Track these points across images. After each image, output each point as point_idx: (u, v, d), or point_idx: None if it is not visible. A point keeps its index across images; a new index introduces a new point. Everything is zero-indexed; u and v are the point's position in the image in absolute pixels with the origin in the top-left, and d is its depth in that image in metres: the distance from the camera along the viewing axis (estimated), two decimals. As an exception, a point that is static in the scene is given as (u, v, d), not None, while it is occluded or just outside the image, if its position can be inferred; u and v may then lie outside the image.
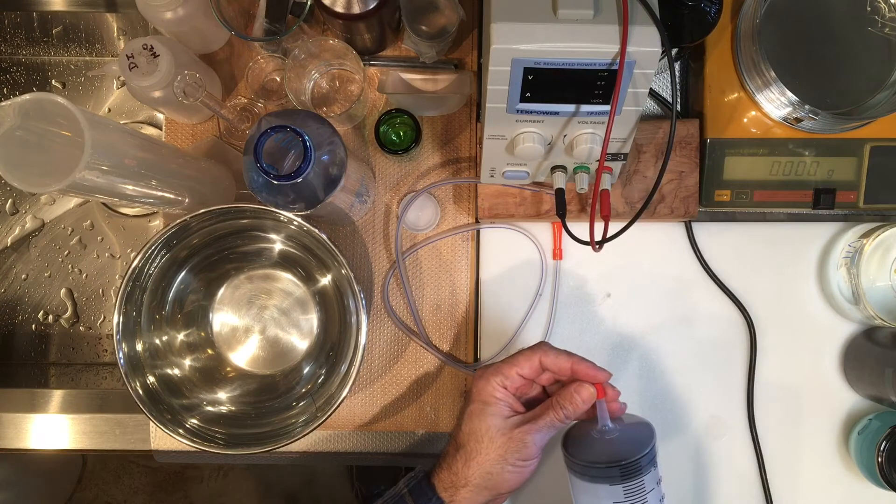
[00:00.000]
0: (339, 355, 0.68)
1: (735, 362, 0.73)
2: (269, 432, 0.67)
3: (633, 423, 0.57)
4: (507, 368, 0.57)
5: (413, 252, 0.74)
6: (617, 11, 0.51)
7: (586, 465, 0.54)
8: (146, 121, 0.90)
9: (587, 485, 0.54)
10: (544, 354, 0.57)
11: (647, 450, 0.53)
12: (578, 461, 0.55)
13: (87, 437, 0.77)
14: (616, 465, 0.52)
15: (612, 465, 0.53)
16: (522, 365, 0.57)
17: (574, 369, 0.56)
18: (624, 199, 0.69)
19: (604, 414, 0.55)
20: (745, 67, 0.67)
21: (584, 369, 0.56)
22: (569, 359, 0.56)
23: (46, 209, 0.91)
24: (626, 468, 0.52)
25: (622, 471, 0.52)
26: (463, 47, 0.74)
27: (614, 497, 0.53)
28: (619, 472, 0.52)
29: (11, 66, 0.90)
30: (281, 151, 0.55)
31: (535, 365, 0.57)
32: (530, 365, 0.57)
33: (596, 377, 0.56)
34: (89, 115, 0.49)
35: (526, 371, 0.57)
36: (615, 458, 0.53)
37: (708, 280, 0.73)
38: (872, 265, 0.67)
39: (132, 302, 0.66)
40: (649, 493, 0.53)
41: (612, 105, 0.53)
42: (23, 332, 0.90)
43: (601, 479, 0.53)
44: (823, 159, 0.68)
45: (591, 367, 0.56)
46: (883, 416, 0.69)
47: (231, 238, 0.71)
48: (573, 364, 0.56)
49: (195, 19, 0.67)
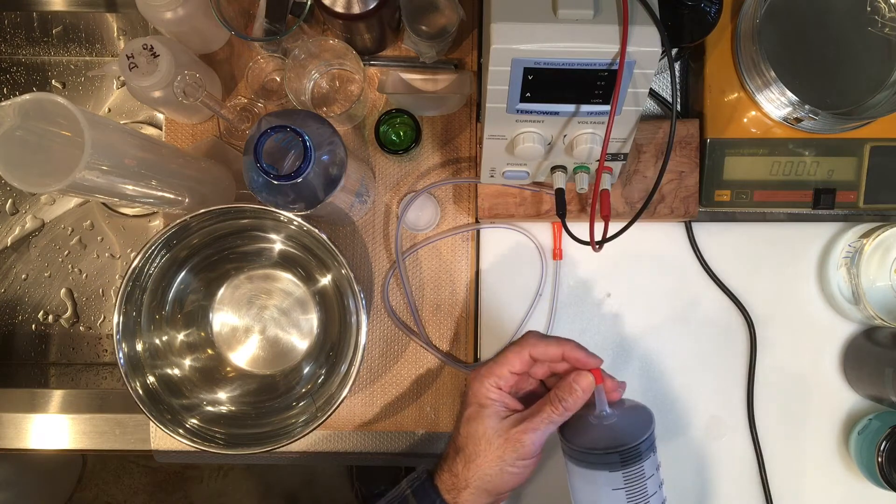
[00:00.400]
0: (339, 355, 0.68)
1: (735, 362, 0.73)
2: (269, 432, 0.67)
3: (632, 408, 0.56)
4: (498, 368, 0.57)
5: (413, 252, 0.74)
6: (617, 11, 0.51)
7: (584, 452, 0.53)
8: (146, 121, 0.90)
9: (585, 471, 0.53)
10: (533, 347, 0.56)
11: (646, 435, 0.52)
12: (576, 447, 0.54)
13: (87, 437, 0.77)
14: (615, 451, 0.51)
15: (610, 451, 0.51)
16: (513, 362, 0.56)
17: (566, 356, 0.56)
18: (624, 199, 0.69)
19: (602, 398, 0.54)
20: (745, 67, 0.67)
21: (576, 356, 0.56)
22: (559, 346, 0.56)
23: (46, 209, 0.91)
24: (625, 454, 0.51)
25: (621, 456, 0.51)
26: (463, 47, 0.74)
27: (613, 483, 0.52)
28: (619, 458, 0.51)
29: (11, 66, 0.90)
30: (281, 151, 0.55)
31: (526, 359, 0.57)
32: (520, 360, 0.56)
33: (588, 363, 0.55)
34: (89, 115, 0.49)
35: (517, 367, 0.57)
36: (614, 444, 0.52)
37: (708, 280, 0.73)
38: (872, 265, 0.67)
39: (132, 302, 0.66)
40: (649, 478, 0.52)
41: (612, 105, 0.53)
42: (23, 332, 0.90)
43: (600, 466, 0.52)
44: (823, 159, 0.68)
45: (584, 353, 0.56)
46: (883, 416, 0.69)
47: (231, 238, 0.71)
48: (564, 351, 0.56)
49: (195, 19, 0.67)
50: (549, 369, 0.58)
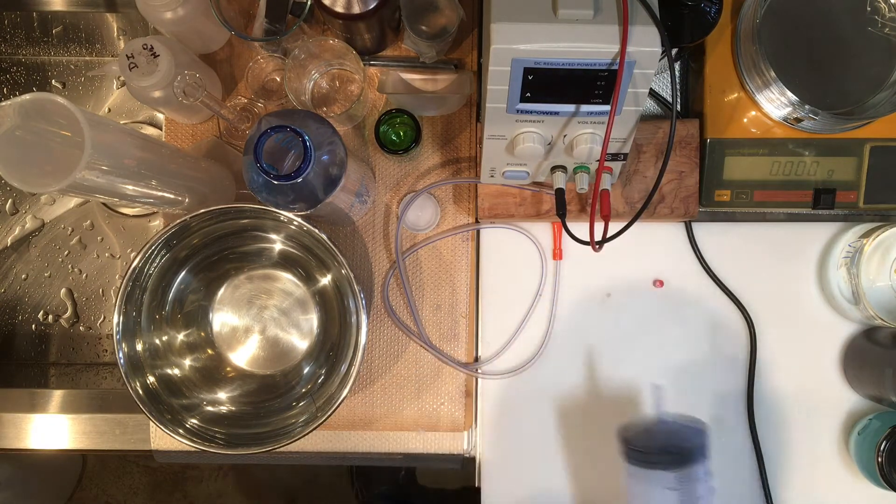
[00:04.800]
0: (339, 355, 0.68)
1: (735, 362, 0.73)
2: (269, 432, 0.67)
3: (688, 418, 0.60)
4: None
5: (413, 252, 0.74)
6: (617, 11, 0.51)
7: (642, 451, 0.56)
8: (146, 121, 0.90)
9: (641, 471, 0.56)
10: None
11: (700, 441, 0.56)
12: (635, 447, 0.57)
13: (87, 437, 0.77)
14: (669, 452, 0.55)
15: (666, 451, 0.55)
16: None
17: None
18: (624, 199, 0.69)
19: (661, 402, 0.57)
20: (745, 67, 0.67)
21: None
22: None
23: (46, 209, 0.91)
24: (678, 455, 0.54)
25: (675, 457, 0.55)
26: (463, 47, 0.74)
27: (666, 483, 0.55)
28: (672, 459, 0.55)
29: (11, 66, 0.90)
30: (281, 151, 0.55)
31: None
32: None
33: None
34: (89, 115, 0.49)
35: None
36: (669, 444, 0.55)
37: (708, 280, 0.73)
38: (872, 265, 0.67)
39: (132, 302, 0.66)
40: (700, 482, 0.55)
41: (612, 105, 0.53)
42: (23, 332, 0.90)
43: (655, 465, 0.55)
44: (823, 159, 0.68)
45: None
46: (883, 416, 0.69)
47: (231, 238, 0.71)
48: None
49: (195, 19, 0.67)
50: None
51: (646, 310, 0.73)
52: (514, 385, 0.73)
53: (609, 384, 0.73)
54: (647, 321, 0.73)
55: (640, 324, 0.73)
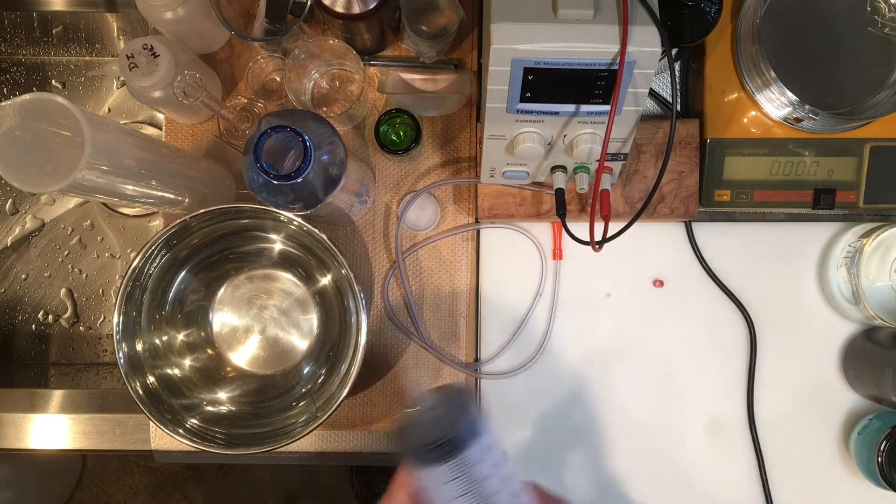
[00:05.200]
0: (339, 355, 0.68)
1: (735, 362, 0.73)
2: (269, 432, 0.67)
3: (443, 401, 0.51)
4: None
5: (413, 252, 0.74)
6: (617, 11, 0.51)
7: (412, 453, 0.49)
8: (146, 121, 0.90)
9: (423, 473, 0.49)
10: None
11: (463, 418, 0.49)
12: (407, 447, 0.50)
13: (87, 437, 0.77)
14: (431, 448, 0.47)
15: (428, 448, 0.48)
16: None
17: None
18: (624, 199, 0.69)
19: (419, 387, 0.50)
20: (745, 67, 0.67)
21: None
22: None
23: (46, 209, 0.91)
24: (439, 447, 0.47)
25: (439, 450, 0.47)
26: (463, 47, 0.74)
27: (443, 479, 0.48)
28: (439, 454, 0.47)
29: (11, 66, 0.90)
30: (281, 151, 0.55)
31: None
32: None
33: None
34: (89, 115, 0.49)
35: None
36: (430, 441, 0.48)
37: (708, 280, 0.73)
38: (872, 265, 0.67)
39: (132, 302, 0.66)
40: (480, 463, 0.48)
41: (612, 105, 0.53)
42: (23, 332, 0.90)
43: (426, 464, 0.48)
44: (823, 159, 0.68)
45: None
46: (883, 416, 0.69)
47: (231, 238, 0.71)
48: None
49: (195, 19, 0.67)
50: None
51: (646, 310, 0.73)
52: (514, 385, 0.73)
53: (609, 384, 0.73)
54: (646, 321, 0.73)
55: (639, 324, 0.73)
